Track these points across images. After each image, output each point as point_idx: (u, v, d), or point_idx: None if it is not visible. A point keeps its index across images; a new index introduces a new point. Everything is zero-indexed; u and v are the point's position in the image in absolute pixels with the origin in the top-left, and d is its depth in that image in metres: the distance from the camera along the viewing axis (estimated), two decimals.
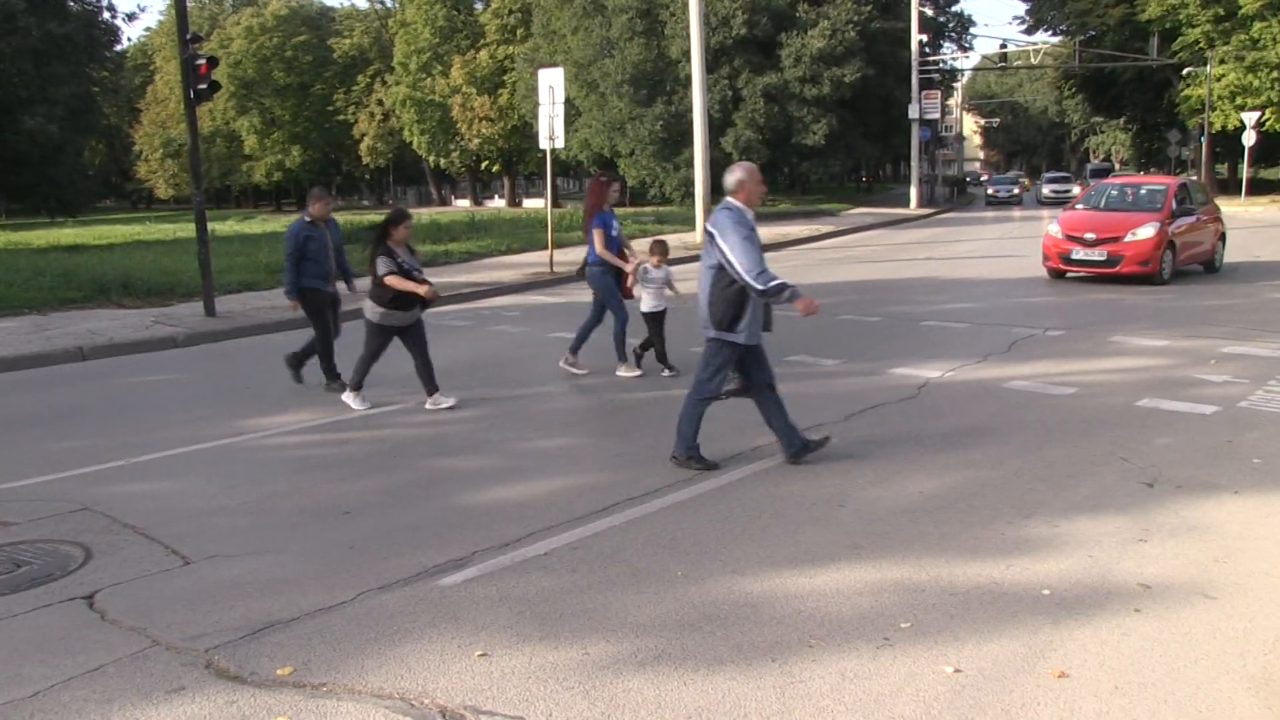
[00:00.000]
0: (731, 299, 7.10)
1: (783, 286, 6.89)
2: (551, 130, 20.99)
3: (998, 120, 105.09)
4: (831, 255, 25.49)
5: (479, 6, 73.36)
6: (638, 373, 10.93)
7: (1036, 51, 61.48)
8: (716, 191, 36.26)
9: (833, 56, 43.04)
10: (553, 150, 21.17)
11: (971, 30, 65.91)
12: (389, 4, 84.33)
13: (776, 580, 5.36)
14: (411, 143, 75.11)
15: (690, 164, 27.83)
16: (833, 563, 5.56)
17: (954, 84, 73.57)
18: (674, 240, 26.69)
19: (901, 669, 4.41)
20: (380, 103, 78.35)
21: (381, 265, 9.39)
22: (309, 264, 10.64)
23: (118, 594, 5.40)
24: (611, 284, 10.98)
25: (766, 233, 30.24)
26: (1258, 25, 48.19)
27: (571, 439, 8.66)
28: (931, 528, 6.10)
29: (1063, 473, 7.12)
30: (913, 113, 47.12)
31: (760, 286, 6.88)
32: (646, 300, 10.92)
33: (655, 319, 10.95)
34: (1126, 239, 17.44)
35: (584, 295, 11.84)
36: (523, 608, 5.09)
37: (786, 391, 9.68)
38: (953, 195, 63.68)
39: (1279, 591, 5.15)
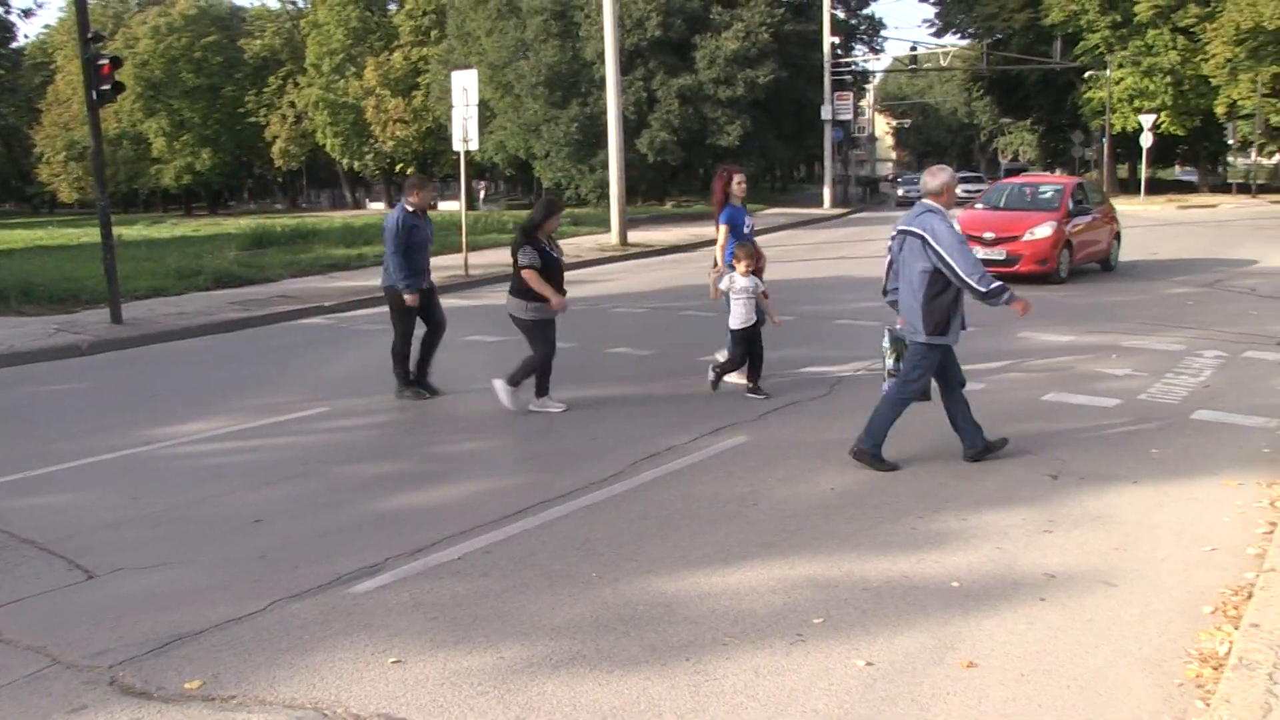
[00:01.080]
0: (947, 304, 7.13)
1: (1003, 288, 6.98)
2: (465, 132, 20.85)
3: (909, 121, 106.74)
4: None
5: (392, 8, 72.56)
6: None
7: (946, 54, 62.58)
8: (632, 193, 36.32)
9: (746, 58, 43.38)
10: (467, 152, 21.05)
11: (882, 33, 66.68)
12: (301, 4, 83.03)
13: (690, 579, 5.40)
14: (325, 145, 74.03)
15: (606, 165, 27.82)
16: (746, 561, 5.62)
17: (866, 85, 74.46)
18: (589, 242, 26.79)
19: (814, 664, 4.47)
20: (293, 104, 77.08)
21: (524, 256, 8.96)
22: (413, 256, 9.76)
23: (15, 612, 5.24)
24: None
25: (681, 233, 30.44)
26: (1151, 33, 50.07)
27: (485, 442, 8.61)
28: (843, 524, 6.19)
29: (971, 467, 7.27)
30: (825, 114, 47.63)
31: (984, 289, 6.94)
32: (737, 314, 9.48)
33: (748, 335, 9.53)
34: (1024, 238, 17.52)
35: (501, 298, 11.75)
36: (436, 613, 5.06)
37: (699, 391, 9.83)
38: (866, 195, 64.59)
39: (1173, 576, 5.33)
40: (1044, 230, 17.62)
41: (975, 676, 4.36)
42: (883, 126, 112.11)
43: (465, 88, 20.92)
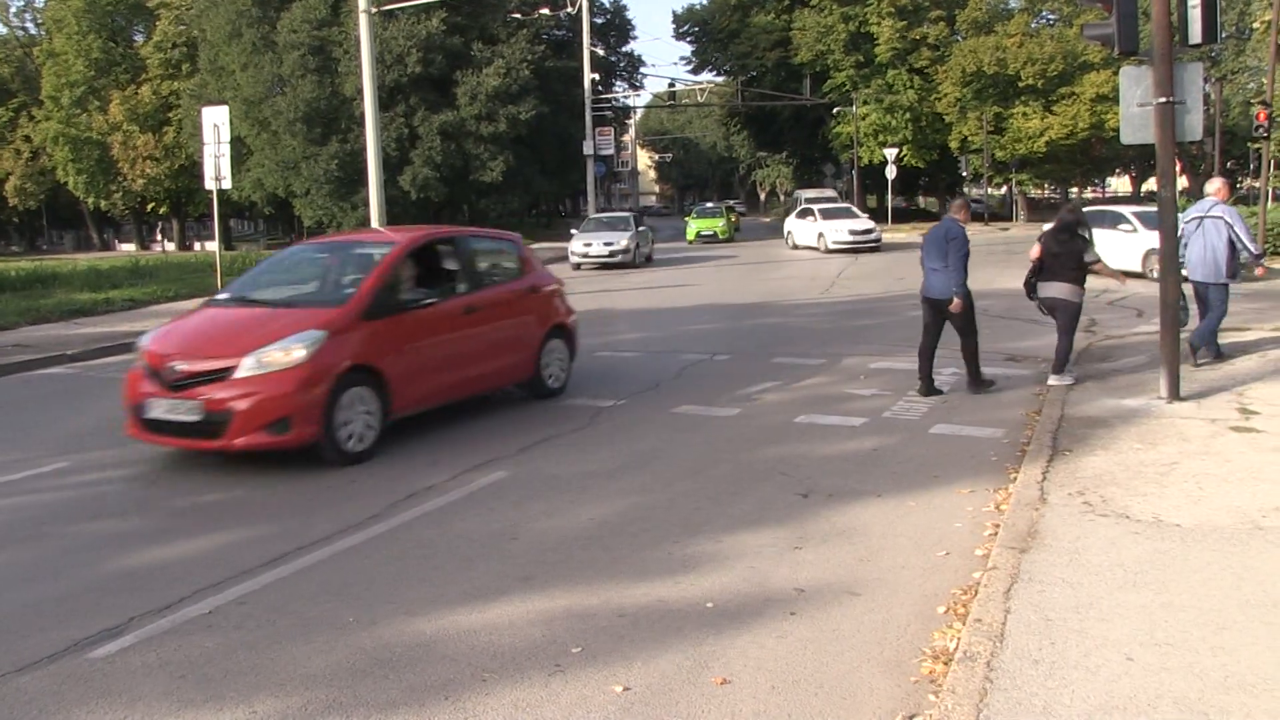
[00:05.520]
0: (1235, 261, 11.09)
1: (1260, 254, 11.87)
2: (218, 170, 20.18)
3: (671, 155, 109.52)
4: None
5: (139, 39, 69.15)
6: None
7: (703, 90, 64.71)
8: (394, 224, 35.75)
9: (508, 94, 43.58)
10: (222, 191, 20.35)
11: (642, 70, 68.48)
12: (33, 30, 77.92)
13: (450, 618, 5.36)
14: (67, 183, 69.50)
15: (368, 203, 27.35)
16: (505, 596, 5.62)
17: (627, 120, 76.17)
18: None
19: (573, 693, 4.52)
20: (28, 139, 72.20)
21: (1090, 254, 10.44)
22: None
23: None
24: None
25: None
26: (891, 73, 53.62)
27: (238, 490, 8.14)
28: (601, 553, 6.28)
29: (727, 490, 7.50)
30: (587, 149, 48.37)
31: (1257, 252, 11.56)
32: None
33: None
34: (239, 373, 8.37)
35: None
36: (185, 671, 4.84)
37: (463, 425, 9.79)
38: None
39: (912, 582, 5.65)
40: (282, 355, 8.44)
41: (729, 692, 4.50)
42: (645, 160, 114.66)
43: (217, 124, 20.27)
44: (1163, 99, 9.05)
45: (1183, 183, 55.69)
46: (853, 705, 4.36)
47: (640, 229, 34.18)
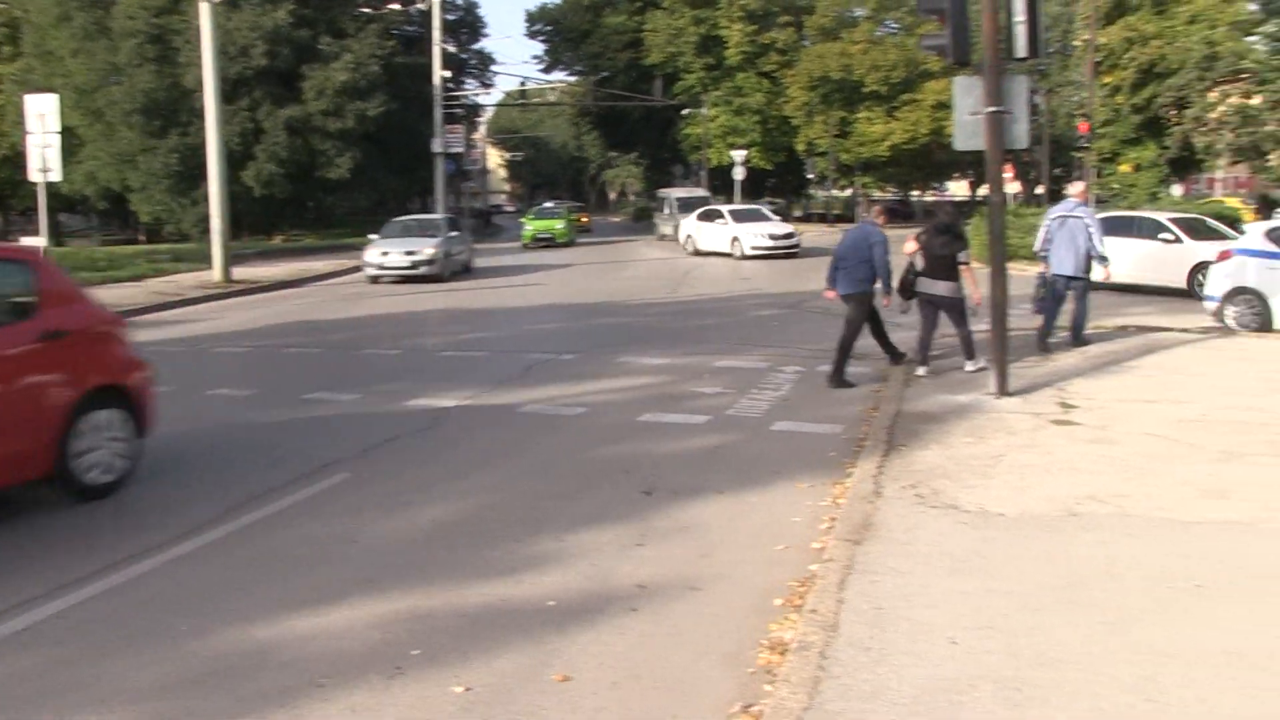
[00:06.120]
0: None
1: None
2: (44, 162, 19.30)
3: (521, 154, 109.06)
4: (353, 290, 25.11)
5: None
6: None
7: (555, 90, 64.67)
8: (238, 227, 34.83)
9: (357, 90, 42.71)
10: (51, 183, 19.47)
11: (493, 68, 67.60)
12: None
13: (287, 624, 5.25)
14: None
15: (208, 199, 26.47)
16: (345, 600, 5.52)
17: (478, 119, 75.51)
18: (190, 279, 25.45)
19: (412, 695, 4.48)
20: None
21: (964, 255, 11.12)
22: None
23: None
24: None
25: (290, 268, 29.48)
26: (740, 75, 54.57)
27: (64, 498, 7.80)
28: (443, 554, 6.23)
29: (570, 489, 7.52)
30: (436, 146, 47.71)
31: (1104, 255, 12.33)
32: None
33: None
34: None
35: None
36: None
37: (304, 427, 9.60)
38: (478, 227, 65.22)
39: (751, 576, 5.78)
40: None
41: (569, 689, 4.52)
42: (496, 159, 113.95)
43: (42, 114, 19.38)
44: (992, 108, 9.43)
45: (1016, 188, 58.08)
46: (692, 698, 4.43)
47: (454, 234, 29.01)
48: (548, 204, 57.56)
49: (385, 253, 26.31)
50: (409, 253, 26.09)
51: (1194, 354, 11.89)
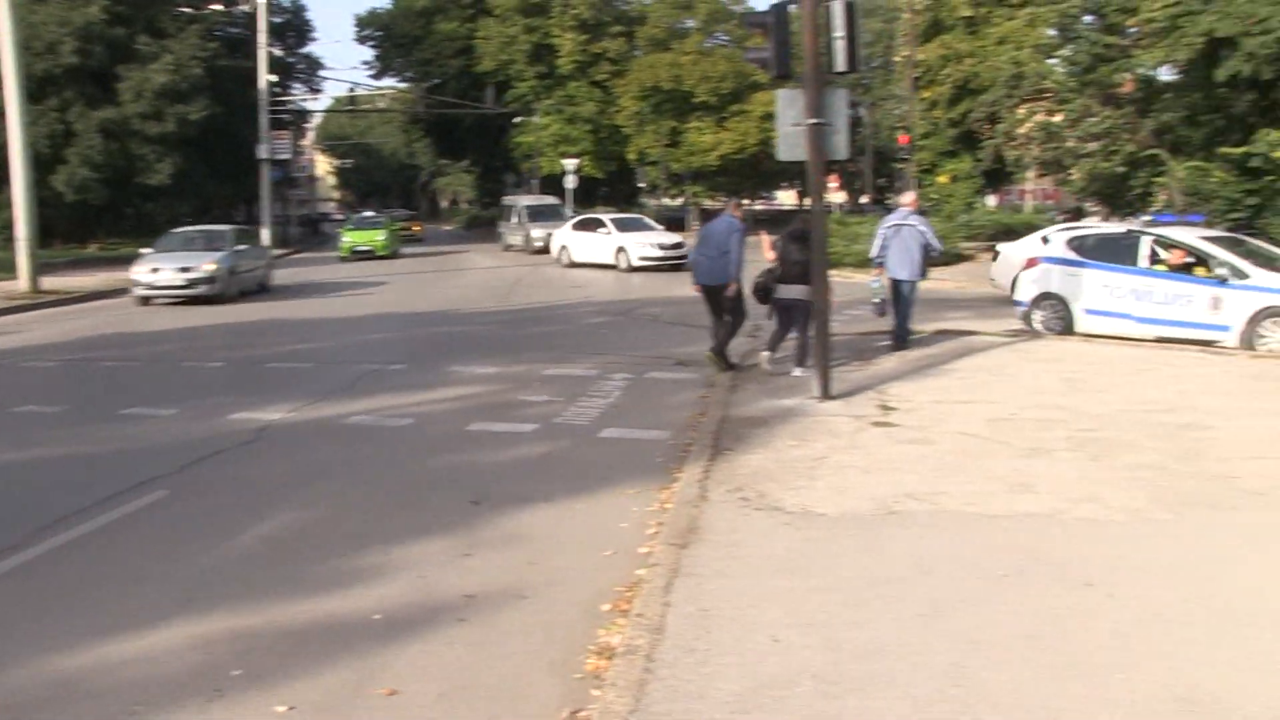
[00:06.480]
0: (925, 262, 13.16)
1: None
2: None
3: (351, 161, 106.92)
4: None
5: None
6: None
7: (385, 96, 63.67)
8: (49, 235, 33.21)
9: (178, 92, 41.15)
10: None
11: (322, 72, 66.27)
12: None
13: (98, 651, 5.02)
14: None
15: (11, 204, 25.08)
16: (162, 622, 5.32)
17: (306, 125, 73.72)
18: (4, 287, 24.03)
19: (232, 718, 4.35)
20: None
21: None
22: None
23: None
24: None
25: (106, 278, 28.11)
26: (573, 84, 54.78)
27: None
28: (267, 570, 6.07)
29: (398, 501, 7.42)
30: (262, 153, 46.39)
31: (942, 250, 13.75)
32: None
33: None
34: None
35: None
36: None
37: (119, 440, 9.23)
38: (306, 235, 63.64)
39: (578, 582, 5.82)
40: None
41: (397, 702, 4.47)
42: (325, 166, 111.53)
43: None
44: (813, 120, 9.71)
45: (841, 197, 59.84)
46: (520, 705, 4.44)
47: (243, 247, 24.78)
48: (368, 213, 52.49)
49: (156, 269, 22.45)
50: (183, 269, 22.30)
51: (1005, 357, 12.48)
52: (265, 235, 46.70)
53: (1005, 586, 5.31)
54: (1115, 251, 14.66)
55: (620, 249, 30.47)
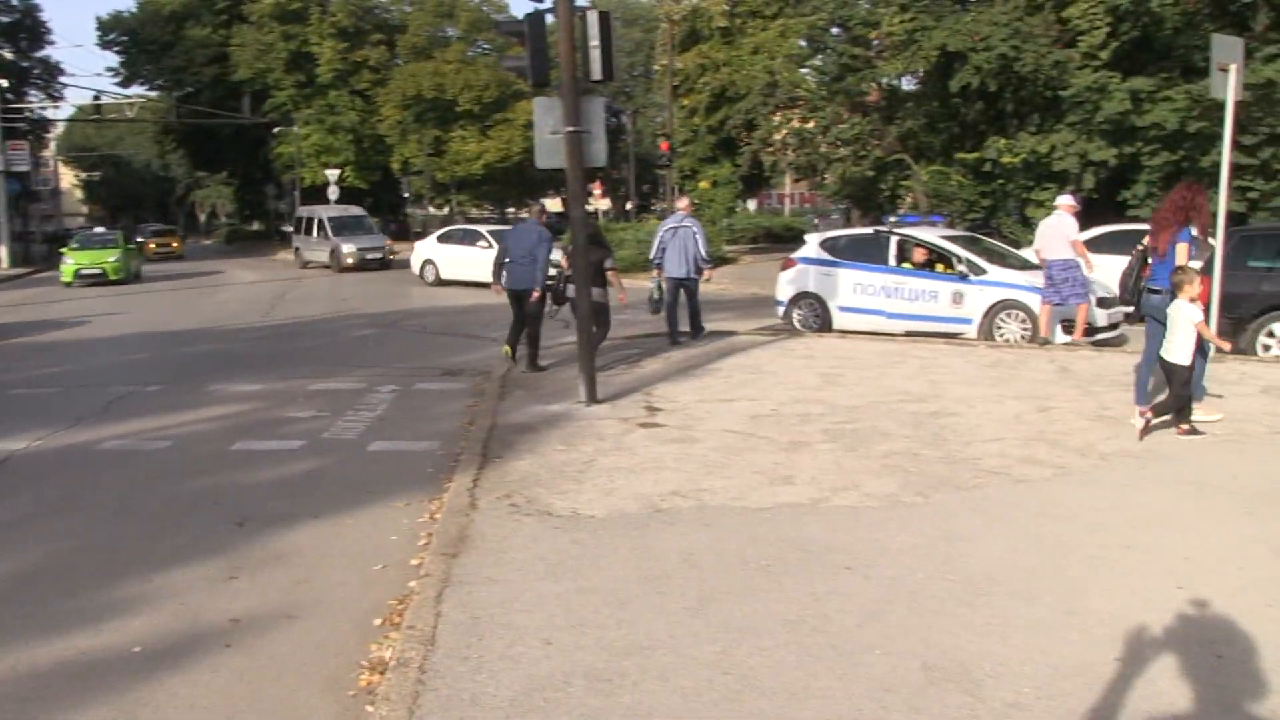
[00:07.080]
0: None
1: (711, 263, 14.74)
2: None
3: (100, 173, 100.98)
4: None
5: None
6: None
7: (133, 105, 60.39)
8: None
9: None
10: None
11: (62, 79, 61.86)
12: None
13: None
14: None
15: None
16: None
17: (47, 134, 69.14)
18: None
19: None
20: None
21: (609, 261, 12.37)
22: None
23: None
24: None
25: None
26: (333, 93, 53.52)
27: None
28: (10, 610, 5.69)
29: (156, 527, 7.10)
30: None
31: (709, 260, 14.55)
32: None
33: None
34: None
35: None
36: None
37: None
38: (49, 253, 59.76)
39: (349, 598, 5.74)
40: None
41: None
42: (71, 179, 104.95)
43: None
44: (571, 128, 9.85)
45: (606, 204, 60.62)
46: None
47: None
48: (97, 230, 44.54)
49: None
50: None
51: (767, 355, 12.98)
52: (3, 253, 43.70)
53: (769, 575, 5.54)
54: (866, 251, 15.50)
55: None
